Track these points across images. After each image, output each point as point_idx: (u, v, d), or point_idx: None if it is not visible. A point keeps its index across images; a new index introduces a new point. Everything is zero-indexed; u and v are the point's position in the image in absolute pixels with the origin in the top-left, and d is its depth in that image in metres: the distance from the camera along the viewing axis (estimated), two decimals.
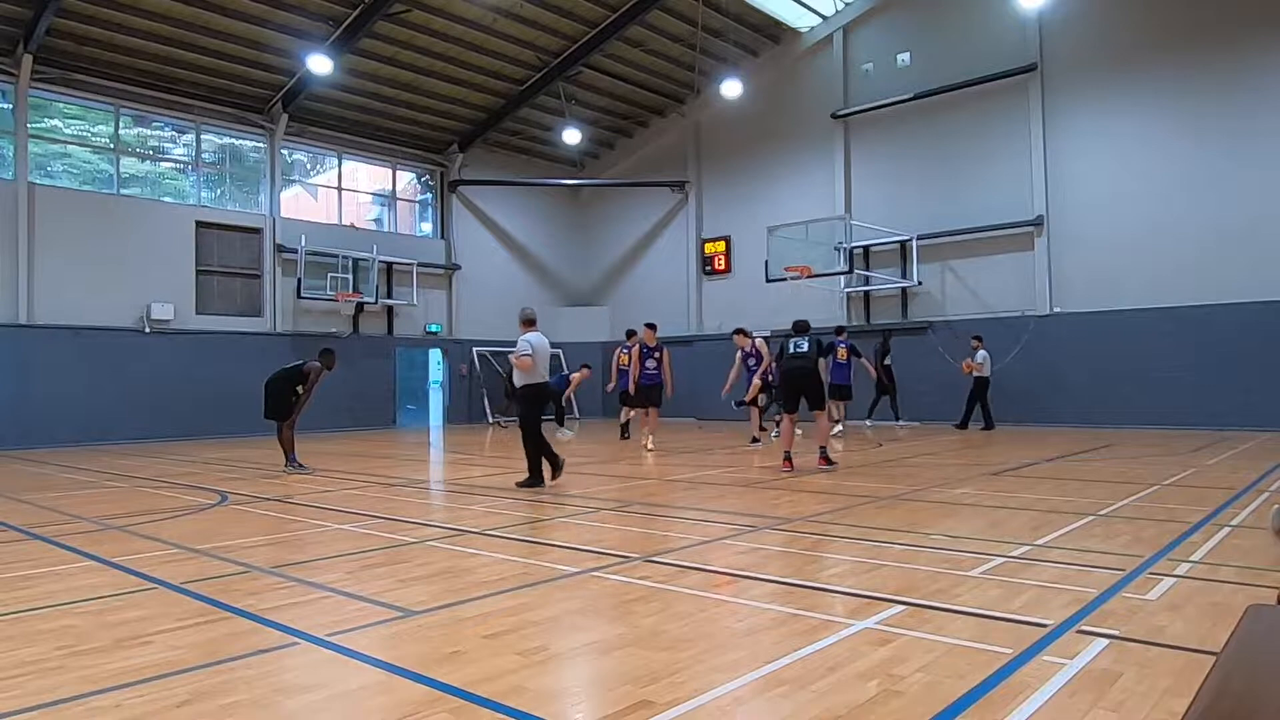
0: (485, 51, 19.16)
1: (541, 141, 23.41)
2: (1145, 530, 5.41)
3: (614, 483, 8.86)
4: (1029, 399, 16.42)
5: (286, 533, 6.09)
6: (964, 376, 15.89)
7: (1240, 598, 3.73)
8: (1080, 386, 16.03)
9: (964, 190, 17.95)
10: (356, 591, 4.20)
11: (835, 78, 20.02)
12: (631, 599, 3.94)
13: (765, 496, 7.53)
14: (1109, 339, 15.77)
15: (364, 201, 22.33)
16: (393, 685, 2.87)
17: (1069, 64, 16.77)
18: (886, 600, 3.80)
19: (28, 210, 15.83)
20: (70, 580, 4.59)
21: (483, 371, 22.60)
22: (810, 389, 9.45)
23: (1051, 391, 16.33)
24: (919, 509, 6.65)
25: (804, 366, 9.42)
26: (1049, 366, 16.43)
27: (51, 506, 7.65)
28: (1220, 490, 7.17)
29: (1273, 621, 1.28)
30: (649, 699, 2.67)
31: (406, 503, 7.69)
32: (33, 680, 2.96)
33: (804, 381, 9.44)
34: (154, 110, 17.84)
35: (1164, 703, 2.54)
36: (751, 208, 21.19)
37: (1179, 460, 9.90)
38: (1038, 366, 16.48)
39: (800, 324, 9.84)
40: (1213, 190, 15.05)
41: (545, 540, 5.50)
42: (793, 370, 9.50)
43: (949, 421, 16.53)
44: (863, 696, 2.65)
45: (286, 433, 10.55)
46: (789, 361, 9.55)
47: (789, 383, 9.62)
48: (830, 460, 9.54)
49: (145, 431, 16.78)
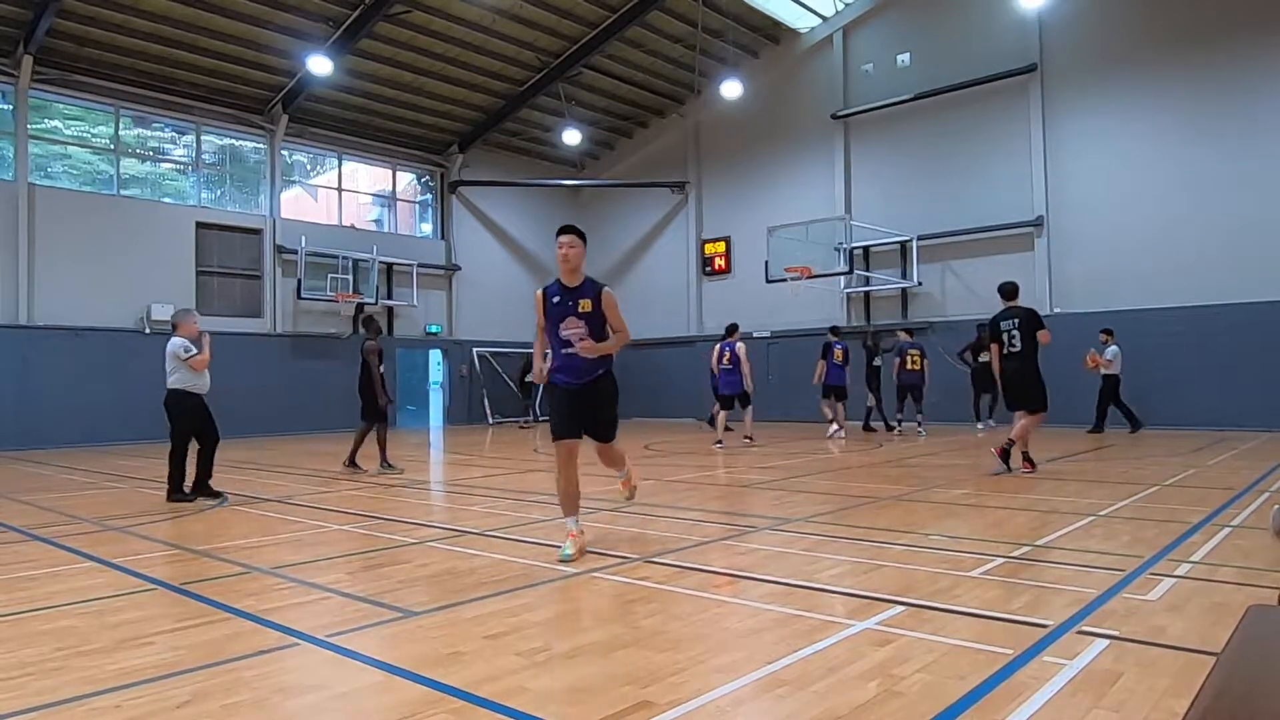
0: (485, 52, 19.17)
1: (541, 142, 23.41)
2: (1145, 530, 5.41)
3: (614, 483, 8.85)
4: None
5: (286, 533, 6.09)
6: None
7: (1240, 598, 3.73)
8: (1080, 387, 16.01)
9: (964, 190, 17.95)
10: (356, 592, 4.20)
11: (835, 78, 20.03)
12: (631, 599, 3.94)
13: (765, 497, 7.53)
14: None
15: (364, 202, 22.34)
16: (393, 686, 2.87)
17: (1069, 64, 16.77)
18: (886, 601, 3.80)
19: (28, 211, 15.84)
20: (70, 581, 4.59)
21: (483, 372, 22.60)
22: (1022, 389, 8.79)
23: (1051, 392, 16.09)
24: (919, 509, 6.64)
25: (1015, 368, 8.77)
26: (1049, 367, 16.13)
27: (51, 507, 7.65)
28: (1220, 490, 7.17)
29: (1273, 622, 1.28)
30: (649, 699, 2.67)
31: (406, 503, 7.69)
32: (33, 681, 2.96)
33: (1018, 380, 8.80)
34: (154, 111, 17.85)
35: (1164, 703, 2.54)
36: (751, 208, 21.19)
37: (1179, 460, 9.90)
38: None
39: (1012, 307, 8.98)
40: (1213, 190, 15.05)
41: (545, 541, 5.50)
42: (1005, 371, 8.87)
43: (949, 422, 16.52)
44: (863, 697, 2.65)
45: (381, 432, 10.34)
46: (1006, 362, 8.83)
47: (1005, 381, 8.95)
48: (1032, 462, 8.85)
49: (145, 431, 16.75)
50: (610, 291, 5.06)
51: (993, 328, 9.00)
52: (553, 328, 5.06)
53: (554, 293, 5.08)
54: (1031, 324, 8.75)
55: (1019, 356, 8.77)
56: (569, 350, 4.99)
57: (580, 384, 5.06)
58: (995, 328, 8.95)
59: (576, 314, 4.99)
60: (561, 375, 5.08)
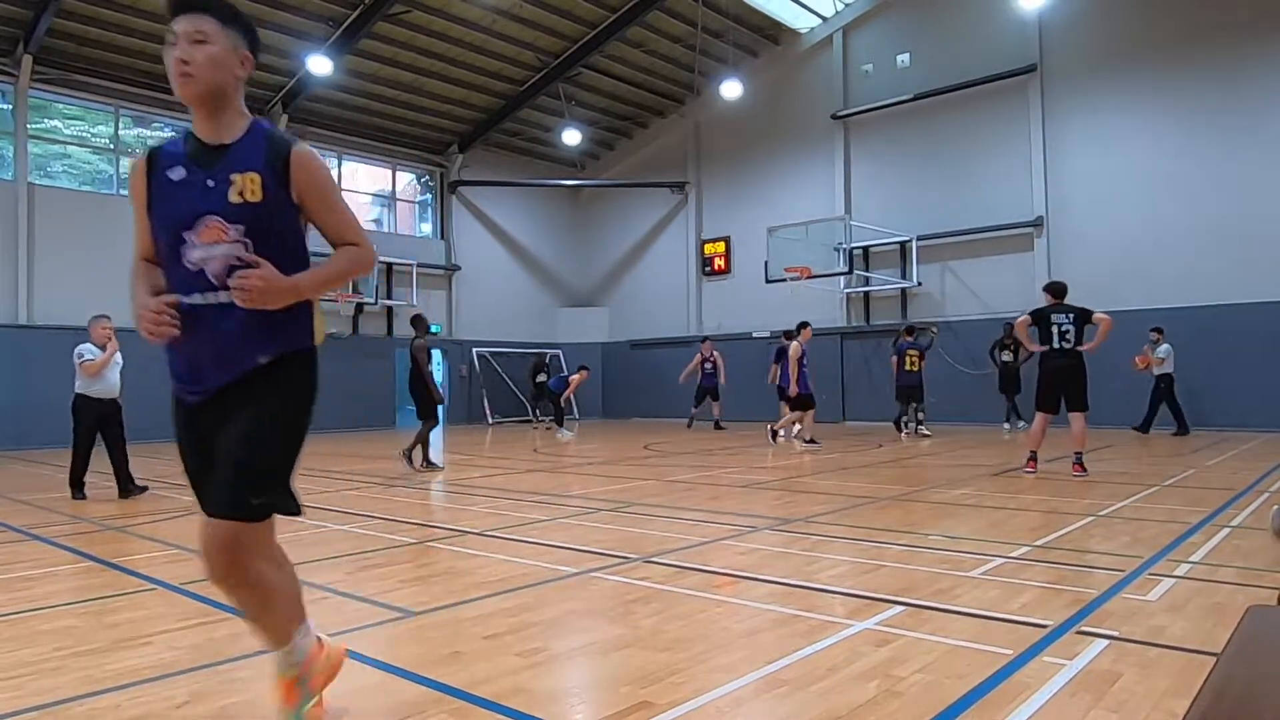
0: (485, 52, 19.17)
1: (541, 142, 23.41)
2: (1145, 531, 5.41)
3: (614, 483, 8.86)
4: (1029, 399, 16.36)
5: (286, 533, 6.06)
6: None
7: (1240, 598, 3.73)
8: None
9: (964, 191, 17.95)
10: (356, 592, 4.20)
11: (835, 78, 20.03)
12: (631, 599, 3.94)
13: (765, 497, 7.53)
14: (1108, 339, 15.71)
15: (364, 202, 22.34)
16: (393, 686, 2.87)
17: (1069, 64, 16.78)
18: (886, 601, 3.80)
19: (28, 211, 15.84)
20: (70, 580, 4.59)
21: (483, 372, 22.60)
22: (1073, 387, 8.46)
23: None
24: (919, 509, 6.65)
25: (1068, 365, 8.40)
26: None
27: (51, 507, 7.65)
28: (1220, 491, 7.17)
29: (1273, 622, 1.28)
30: (649, 700, 2.67)
31: (406, 503, 7.69)
32: (32, 680, 2.96)
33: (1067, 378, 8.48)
34: (154, 111, 17.85)
35: (1164, 703, 2.54)
36: (751, 208, 21.19)
37: (1179, 460, 9.90)
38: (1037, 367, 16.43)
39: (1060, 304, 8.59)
40: (1213, 190, 15.05)
41: (545, 541, 5.50)
42: (1057, 369, 8.48)
43: (946, 422, 16.52)
44: (862, 697, 2.65)
45: (425, 430, 10.48)
46: (1057, 359, 8.44)
47: (1050, 380, 8.57)
48: (1084, 467, 8.44)
49: (145, 432, 16.72)
50: (309, 153, 2.29)
51: (1041, 323, 8.52)
52: (170, 242, 2.23)
53: (171, 158, 2.27)
54: (1088, 320, 8.43)
55: (1073, 354, 8.42)
56: (206, 300, 2.21)
57: (209, 395, 2.31)
58: (1045, 323, 8.48)
59: (223, 207, 2.20)
60: (179, 373, 2.35)
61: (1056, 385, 8.51)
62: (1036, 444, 8.74)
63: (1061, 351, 8.44)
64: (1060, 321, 8.46)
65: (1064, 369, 8.44)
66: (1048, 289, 8.89)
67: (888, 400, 16.39)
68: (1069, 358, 8.43)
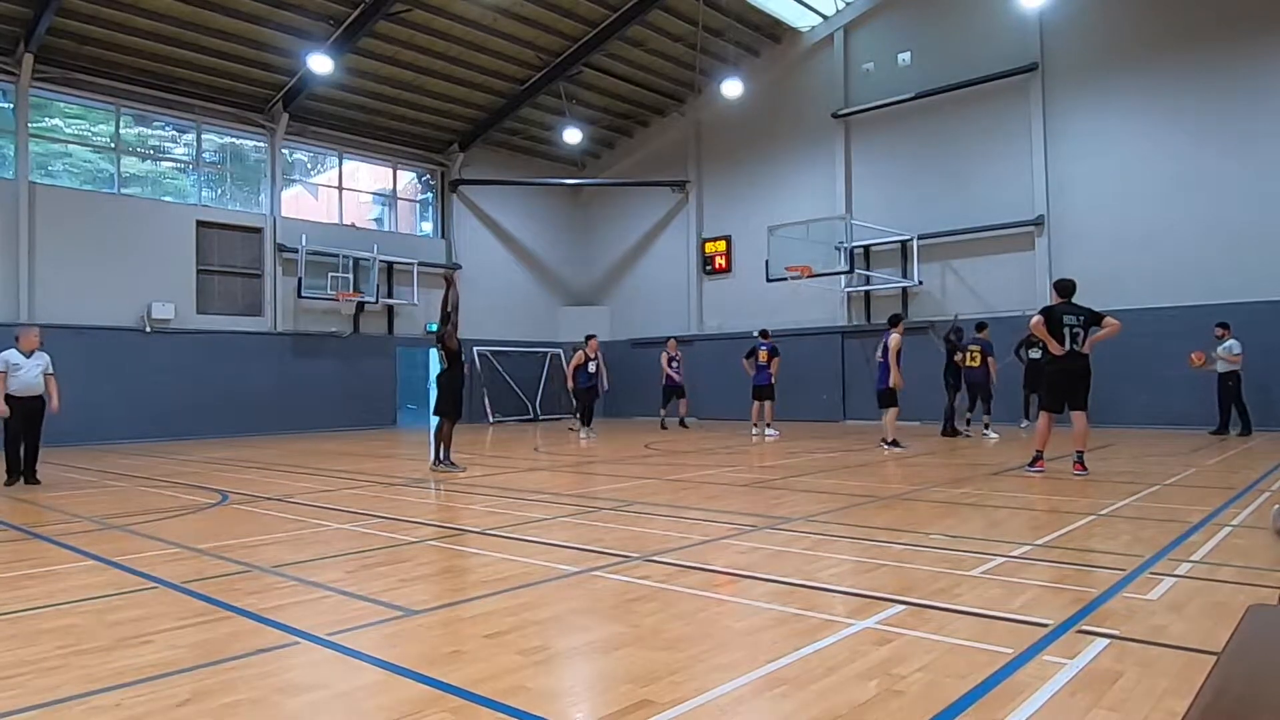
0: (486, 51, 19.16)
1: (542, 141, 23.41)
2: (1146, 530, 5.41)
3: (614, 482, 8.86)
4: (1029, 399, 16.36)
5: (287, 532, 6.09)
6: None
7: (1241, 598, 3.73)
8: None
9: (964, 190, 17.94)
10: (357, 591, 4.20)
11: (836, 77, 20.02)
12: (632, 598, 3.94)
13: (765, 496, 7.53)
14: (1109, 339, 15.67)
15: (364, 201, 22.35)
16: (393, 685, 2.87)
17: (1069, 64, 16.76)
18: (887, 600, 3.80)
19: (28, 210, 15.84)
20: (71, 579, 4.59)
21: (483, 371, 22.60)
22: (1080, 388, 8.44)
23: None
24: (919, 508, 6.65)
25: (1080, 366, 8.40)
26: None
27: (51, 506, 7.65)
28: (1221, 490, 7.17)
29: (1273, 621, 1.28)
30: (649, 698, 2.67)
31: (406, 502, 7.69)
32: (33, 679, 2.96)
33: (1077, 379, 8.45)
34: (154, 110, 17.85)
35: (1164, 703, 2.54)
36: (752, 207, 21.19)
37: (1179, 460, 9.90)
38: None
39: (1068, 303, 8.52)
40: (1214, 190, 15.04)
41: (545, 540, 5.50)
42: (1069, 370, 8.43)
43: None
44: (863, 696, 2.65)
45: (447, 428, 10.64)
46: (1069, 360, 8.38)
47: (1060, 381, 8.54)
48: (1084, 466, 8.41)
49: (145, 431, 16.79)
50: None
51: (1052, 322, 8.40)
52: None
53: None
54: (1095, 323, 8.42)
55: (1082, 355, 8.40)
56: None
57: None
58: (1057, 324, 8.38)
59: None
60: None
61: (1067, 386, 8.52)
62: (1044, 443, 8.73)
63: (1073, 353, 8.44)
64: (1071, 323, 8.44)
65: (1075, 370, 8.46)
66: (1057, 286, 8.87)
67: None
68: (1079, 359, 8.44)
